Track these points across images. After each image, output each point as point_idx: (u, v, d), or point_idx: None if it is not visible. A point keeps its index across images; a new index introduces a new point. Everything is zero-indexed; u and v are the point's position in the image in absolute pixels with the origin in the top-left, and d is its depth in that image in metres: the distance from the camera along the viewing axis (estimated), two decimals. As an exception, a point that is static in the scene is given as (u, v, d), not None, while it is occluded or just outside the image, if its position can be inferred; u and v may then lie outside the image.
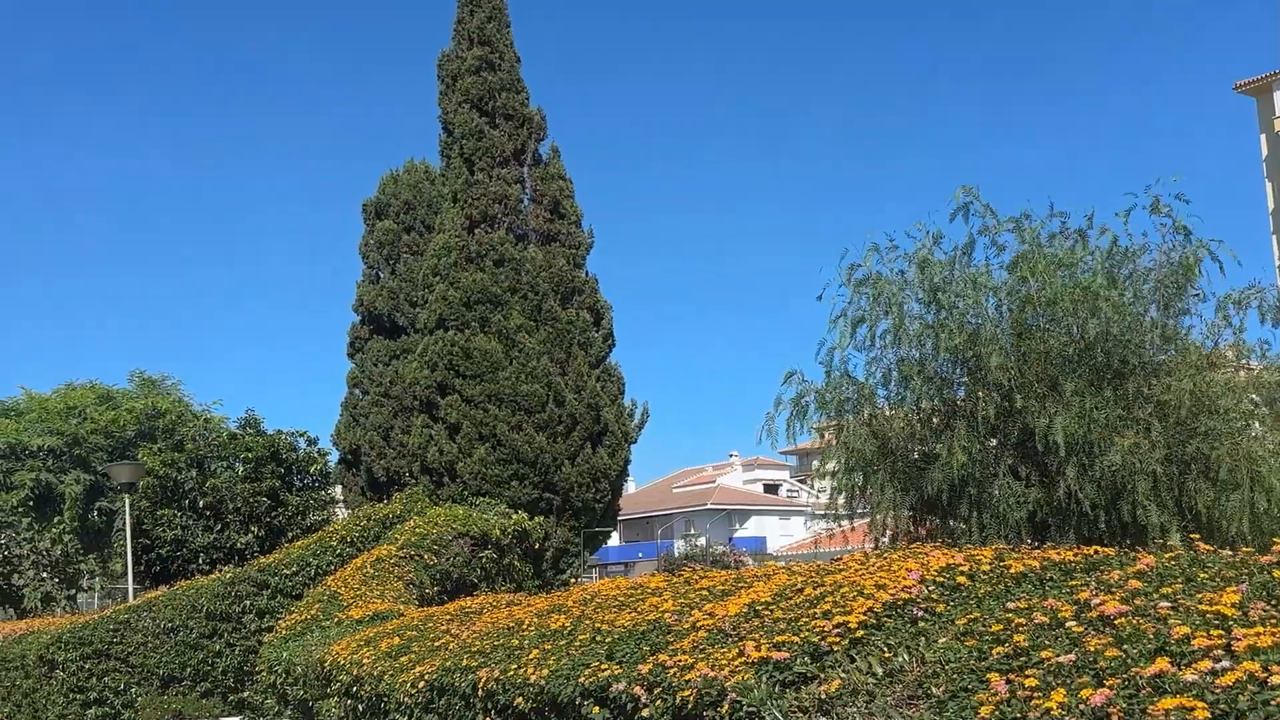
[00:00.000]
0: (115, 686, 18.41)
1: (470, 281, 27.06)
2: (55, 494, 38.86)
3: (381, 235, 34.04)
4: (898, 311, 12.29)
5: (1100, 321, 11.24)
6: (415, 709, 7.81)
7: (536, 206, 28.89)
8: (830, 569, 5.68)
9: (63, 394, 41.60)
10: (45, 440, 39.23)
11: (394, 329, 33.19)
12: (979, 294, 12.07)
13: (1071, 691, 2.73)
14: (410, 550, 18.00)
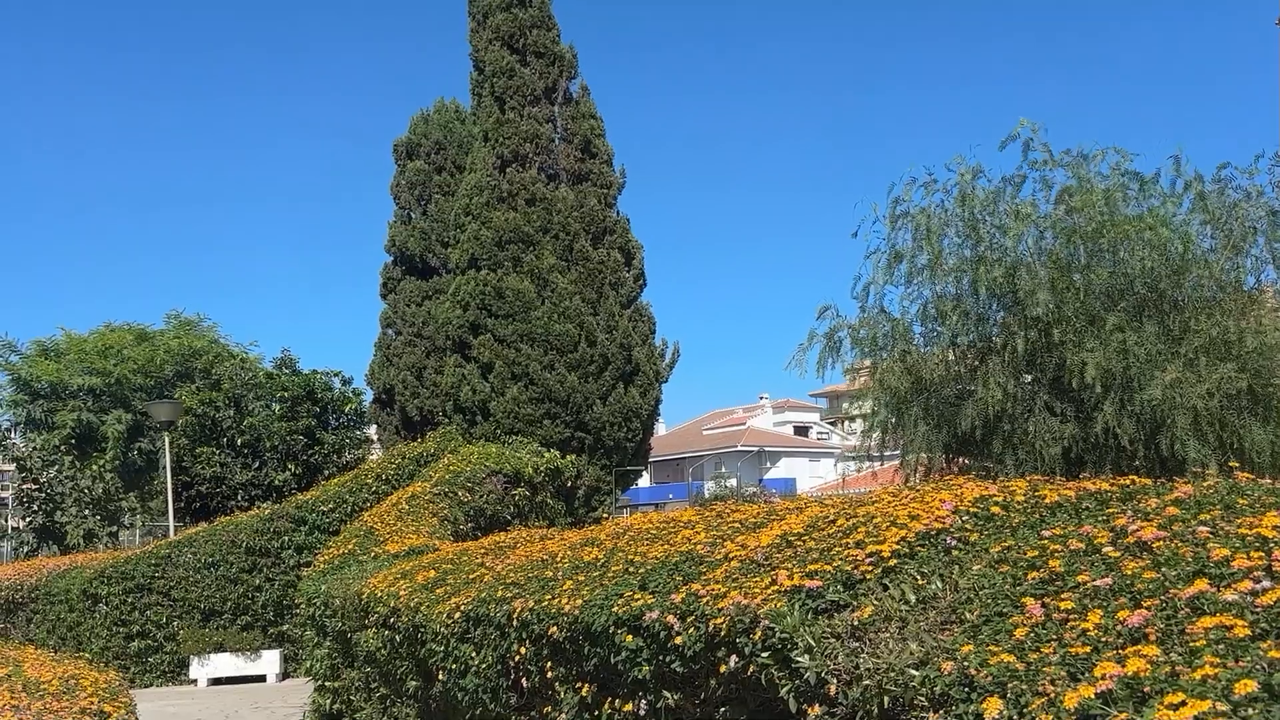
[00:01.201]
0: (157, 619, 18.84)
1: (502, 221, 27.00)
2: (96, 433, 39.45)
3: (413, 176, 33.98)
4: (935, 245, 12.13)
5: (1148, 255, 11.05)
6: (451, 639, 7.92)
7: (568, 146, 28.70)
8: (863, 501, 5.68)
9: (101, 335, 42.04)
10: (85, 380, 39.75)
11: (426, 269, 33.26)
12: (1021, 226, 11.88)
13: (1108, 613, 2.73)
14: (444, 487, 18.19)
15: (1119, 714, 2.26)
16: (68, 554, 25.67)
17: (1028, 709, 2.50)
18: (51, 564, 22.20)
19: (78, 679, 7.37)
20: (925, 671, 3.05)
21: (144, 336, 42.31)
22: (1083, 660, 2.54)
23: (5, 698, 6.54)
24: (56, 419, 39.32)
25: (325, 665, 12.14)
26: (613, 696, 5.59)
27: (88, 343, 41.47)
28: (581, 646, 5.84)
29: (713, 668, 4.60)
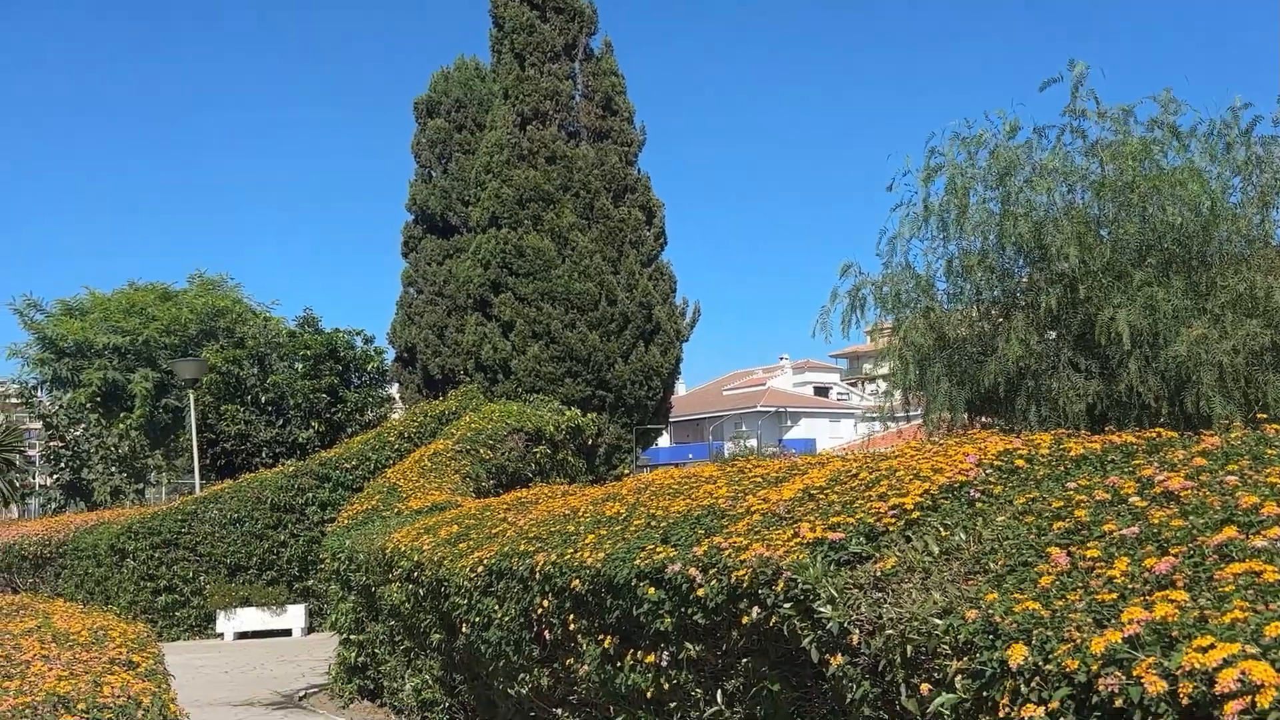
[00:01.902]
0: (184, 574, 19.08)
1: (522, 179, 26.92)
2: (123, 391, 39.77)
3: (433, 134, 33.90)
4: (962, 199, 11.99)
5: (1177, 210, 10.89)
6: (474, 592, 7.98)
7: (588, 103, 28.52)
8: (886, 455, 5.66)
9: (125, 293, 42.27)
10: (110, 338, 40.02)
11: (447, 228, 33.25)
12: (1050, 181, 11.73)
13: (1135, 561, 2.71)
14: (466, 445, 18.29)
15: (1146, 658, 2.25)
16: (95, 510, 25.98)
17: (1053, 655, 2.50)
18: (79, 520, 22.48)
19: (106, 630, 7.46)
20: (949, 620, 3.04)
21: (168, 295, 42.52)
22: (1109, 607, 2.53)
23: (35, 648, 6.63)
24: (82, 377, 39.65)
25: (350, 619, 12.27)
26: (635, 648, 5.63)
27: (112, 301, 41.71)
28: (604, 599, 5.87)
29: (735, 619, 4.62)
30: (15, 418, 40.13)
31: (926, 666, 3.16)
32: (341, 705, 12.19)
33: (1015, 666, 2.58)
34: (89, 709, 4.97)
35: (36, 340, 41.14)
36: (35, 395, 37.28)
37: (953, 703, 2.91)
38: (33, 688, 5.31)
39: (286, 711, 12.16)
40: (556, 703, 7.09)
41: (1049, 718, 2.44)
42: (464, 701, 9.41)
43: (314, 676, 14.05)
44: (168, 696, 5.82)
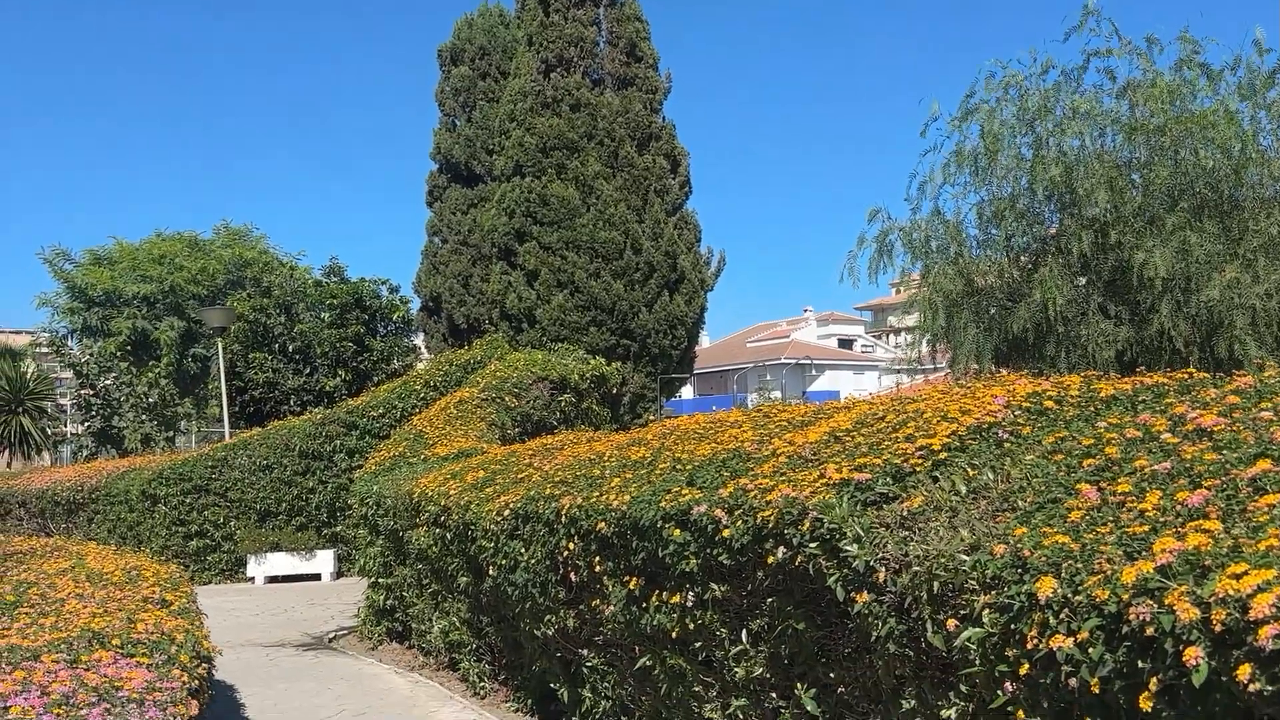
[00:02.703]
0: (215, 520, 19.33)
1: (546, 127, 26.75)
2: (151, 340, 40.13)
3: (457, 82, 33.69)
4: (993, 144, 11.83)
5: (1209, 153, 10.71)
6: (500, 535, 8.05)
7: (612, 49, 28.23)
8: (913, 398, 5.64)
9: (153, 243, 42.50)
10: (139, 288, 40.31)
11: (471, 177, 33.14)
12: (1082, 124, 11.54)
13: (1167, 495, 2.69)
14: (491, 393, 18.36)
15: (1179, 586, 2.24)
16: (126, 457, 26.29)
17: (1082, 586, 2.49)
18: (110, 466, 22.76)
19: (139, 570, 7.57)
20: (976, 556, 3.04)
21: (195, 245, 42.74)
22: (1140, 539, 2.52)
23: (70, 587, 6.74)
24: (112, 326, 40.01)
25: (378, 563, 12.41)
26: (660, 589, 5.67)
27: (140, 251, 41.97)
28: (629, 541, 5.90)
29: (760, 559, 4.63)
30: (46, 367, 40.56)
31: (953, 603, 3.16)
32: (370, 647, 12.36)
33: (1044, 599, 2.58)
34: (123, 644, 5.05)
35: (66, 290, 41.51)
36: (65, 344, 37.64)
37: (979, 637, 2.91)
38: (68, 624, 5.41)
39: (317, 653, 12.35)
40: (582, 644, 7.17)
41: (1078, 649, 2.44)
42: (491, 643, 9.52)
43: (343, 619, 14.25)
44: (201, 634, 5.92)
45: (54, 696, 3.99)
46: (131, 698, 4.17)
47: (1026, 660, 2.67)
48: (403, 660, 11.46)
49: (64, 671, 4.39)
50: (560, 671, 7.79)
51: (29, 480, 24.88)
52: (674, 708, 5.90)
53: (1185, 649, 2.15)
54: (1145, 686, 2.27)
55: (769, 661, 4.83)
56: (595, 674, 7.04)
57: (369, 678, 10.75)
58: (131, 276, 40.62)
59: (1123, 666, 2.33)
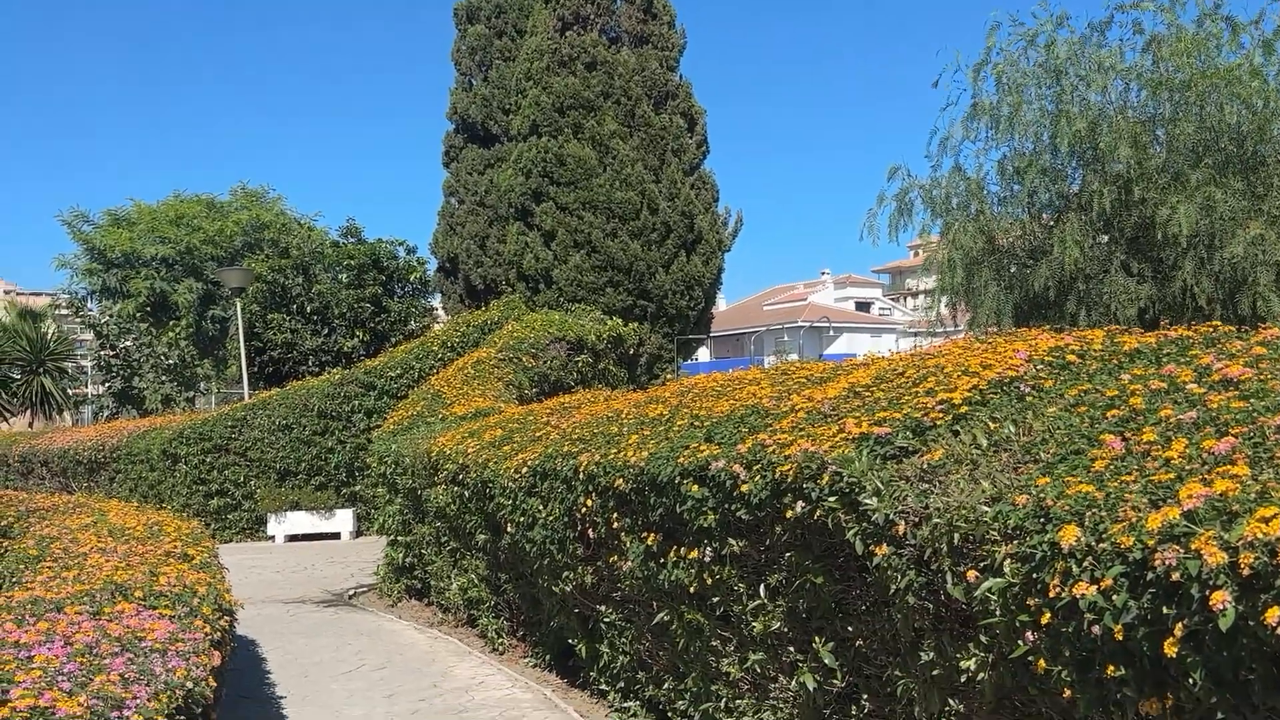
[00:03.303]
0: (235, 479, 19.49)
1: (563, 86, 26.56)
2: (170, 302, 40.29)
3: (473, 41, 33.41)
4: (1015, 98, 11.67)
5: (1234, 109, 10.55)
6: (518, 493, 8.08)
7: (629, 6, 27.94)
8: (933, 353, 5.60)
9: (171, 205, 42.55)
10: (157, 249, 40.43)
11: (488, 137, 32.96)
12: (1106, 78, 11.37)
13: (1193, 443, 2.66)
14: (509, 353, 18.40)
15: (1206, 531, 2.22)
16: (147, 417, 26.48)
17: (1107, 534, 2.46)
18: (131, 426, 22.93)
19: (161, 525, 7.64)
20: (998, 507, 3.02)
21: (213, 206, 42.78)
22: (1165, 487, 2.49)
23: (93, 541, 6.80)
24: (130, 287, 40.17)
25: (397, 521, 12.49)
26: (678, 544, 5.68)
27: (158, 212, 42.04)
28: (647, 497, 5.91)
29: (778, 514, 4.62)
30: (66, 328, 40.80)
31: (973, 554, 3.15)
32: (390, 604, 12.47)
33: (1067, 548, 2.55)
34: (146, 597, 5.10)
35: (85, 251, 41.66)
36: (85, 306, 37.84)
37: (1000, 587, 2.90)
38: (90, 577, 5.46)
39: (337, 609, 12.46)
40: (600, 599, 7.20)
41: (1101, 596, 2.42)
42: (509, 600, 9.59)
43: (363, 577, 14.37)
44: (223, 587, 5.97)
45: (77, 646, 4.03)
46: (155, 648, 4.20)
47: (1048, 609, 2.65)
48: (421, 617, 11.55)
49: (87, 623, 4.43)
50: (578, 627, 7.84)
51: (51, 440, 25.10)
52: (691, 662, 5.93)
53: (1212, 593, 2.13)
54: (1170, 632, 2.25)
55: (787, 616, 4.84)
56: (613, 629, 7.09)
57: (388, 633, 10.85)
58: (150, 238, 40.73)
59: (1147, 613, 2.32)
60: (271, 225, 41.51)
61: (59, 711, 3.22)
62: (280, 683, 8.71)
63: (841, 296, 79.38)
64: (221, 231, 41.19)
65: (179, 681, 3.91)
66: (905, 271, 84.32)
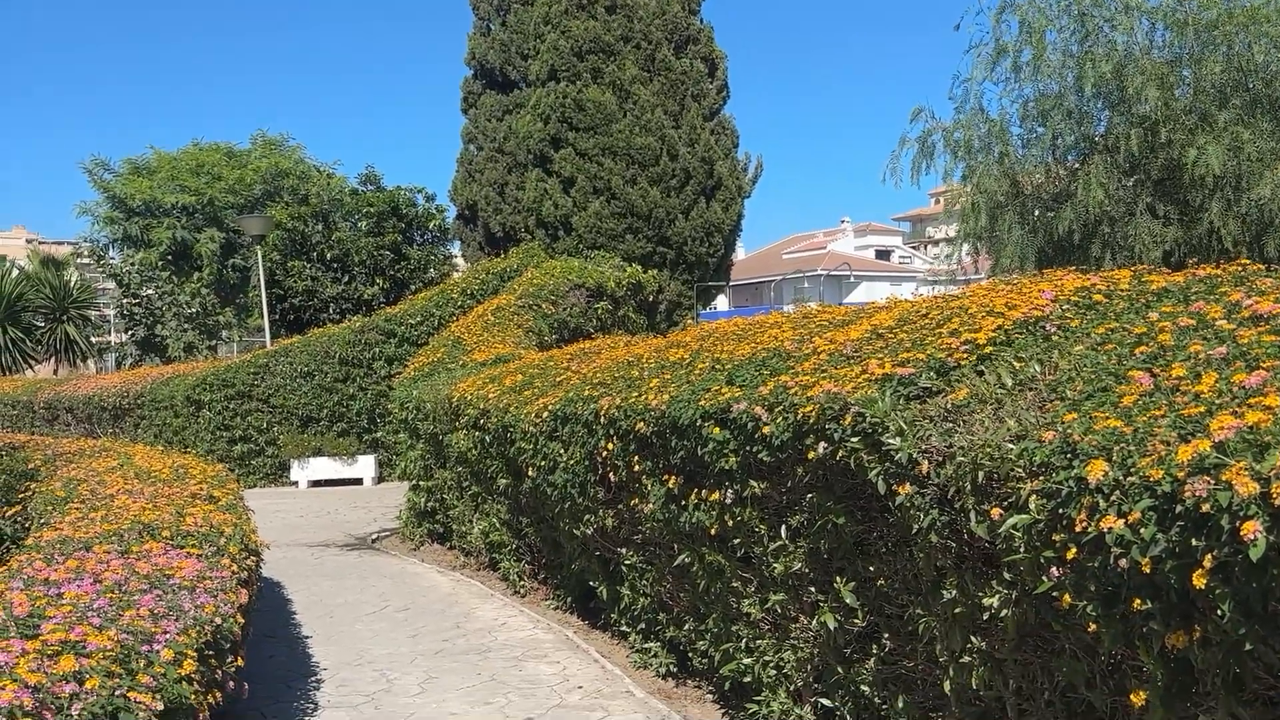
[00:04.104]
0: (258, 425, 19.66)
1: (581, 30, 26.28)
2: (192, 251, 40.42)
3: (491, -16, 33.06)
4: (1039, 40, 11.46)
5: (1264, 49, 10.33)
6: (540, 437, 8.10)
7: (650, -52, 27.54)
8: (956, 295, 5.56)
9: (191, 153, 42.55)
10: (178, 198, 40.48)
11: (506, 83, 32.72)
12: (1131, 19, 11.15)
13: (1223, 377, 2.63)
14: (528, 300, 18.40)
15: (1237, 463, 2.20)
16: (170, 365, 26.67)
17: (1135, 468, 2.45)
18: (155, 373, 23.11)
19: (186, 468, 7.71)
20: (1024, 444, 3.00)
21: (232, 155, 42.76)
22: (1195, 421, 2.47)
23: (119, 483, 6.88)
24: (152, 236, 40.29)
25: (419, 466, 12.57)
26: (699, 487, 5.69)
27: (179, 161, 42.06)
28: (668, 440, 5.91)
29: (800, 455, 4.62)
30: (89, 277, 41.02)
31: (998, 492, 3.14)
32: (412, 548, 12.59)
33: (1094, 483, 2.54)
34: (173, 536, 5.15)
35: (106, 199, 41.76)
36: (107, 254, 38.01)
37: (1025, 523, 2.89)
38: (118, 518, 5.52)
39: (360, 552, 12.59)
40: (620, 542, 7.24)
41: (1129, 530, 2.41)
42: (530, 543, 9.66)
43: (385, 521, 14.50)
44: (249, 528, 6.03)
45: (106, 584, 4.08)
46: (183, 586, 4.26)
47: (1074, 544, 2.64)
48: (444, 560, 11.66)
49: (115, 561, 4.48)
50: (599, 570, 7.90)
51: (75, 386, 25.33)
52: (712, 603, 5.96)
53: (1242, 524, 2.11)
54: (1199, 564, 2.24)
55: (808, 556, 4.85)
56: (634, 572, 7.13)
57: (411, 576, 10.96)
58: (170, 187, 40.79)
59: (1175, 546, 2.31)
60: (291, 173, 41.48)
61: (90, 645, 3.27)
62: (305, 623, 8.83)
63: (861, 245, 78.83)
64: (241, 180, 41.21)
65: (208, 617, 3.96)
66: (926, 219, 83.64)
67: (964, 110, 12.31)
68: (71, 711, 2.89)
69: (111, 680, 3.12)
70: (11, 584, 4.10)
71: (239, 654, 4.62)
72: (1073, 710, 3.26)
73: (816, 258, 72.82)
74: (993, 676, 3.56)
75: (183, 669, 3.46)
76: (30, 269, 38.05)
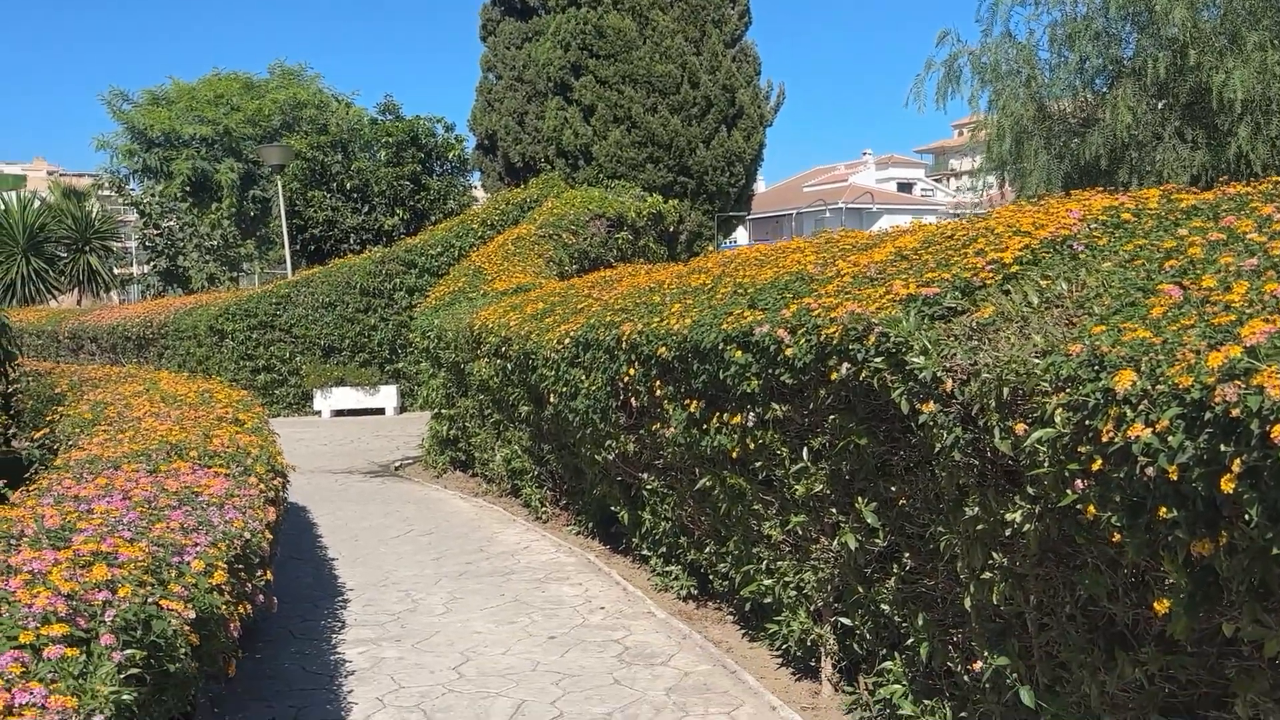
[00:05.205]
0: (281, 355, 19.80)
1: (601, -46, 25.89)
2: (212, 182, 40.40)
3: (509, -91, 32.51)
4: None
5: None
6: (561, 364, 8.12)
7: None
8: (982, 217, 5.50)
9: (209, 82, 42.34)
10: (197, 129, 40.38)
11: (525, 10, 32.30)
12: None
13: (1254, 287, 2.60)
14: (549, 230, 18.34)
15: (1268, 367, 2.18)
16: (192, 295, 26.81)
17: (1164, 376, 2.43)
18: (177, 303, 23.26)
19: (212, 393, 7.79)
20: (1050, 359, 2.98)
21: (250, 85, 42.52)
22: (1225, 330, 2.44)
23: (146, 406, 6.95)
24: (172, 167, 40.26)
25: (441, 395, 12.65)
26: (720, 411, 5.70)
27: (197, 91, 41.86)
28: (690, 364, 5.91)
29: (823, 377, 4.61)
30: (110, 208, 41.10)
31: (1023, 408, 3.13)
32: (435, 475, 12.71)
33: (1122, 393, 2.52)
34: (200, 456, 5.21)
35: (125, 130, 41.68)
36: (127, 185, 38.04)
37: (1050, 437, 2.88)
38: (145, 439, 5.58)
39: (384, 479, 12.73)
40: (642, 467, 7.28)
41: (1156, 438, 2.40)
42: (552, 470, 9.74)
43: (408, 450, 14.64)
44: (275, 450, 6.09)
45: (136, 499, 4.14)
46: (211, 502, 4.31)
47: (1100, 456, 2.63)
48: (466, 487, 11.78)
49: (144, 479, 4.54)
50: (620, 495, 7.96)
51: (99, 317, 25.52)
52: (733, 526, 6.01)
53: (1273, 428, 2.10)
54: (1227, 469, 2.23)
55: (829, 478, 4.87)
56: (655, 496, 7.18)
57: (434, 502, 11.09)
58: (189, 117, 40.66)
59: (1203, 452, 2.29)
60: (309, 104, 41.27)
61: (121, 556, 3.32)
62: (331, 546, 8.96)
63: (883, 177, 77.98)
64: (260, 111, 41.03)
65: (237, 532, 4.02)
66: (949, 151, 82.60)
67: (991, 34, 12.09)
68: (105, 618, 2.95)
69: (143, 589, 3.17)
70: (42, 500, 4.16)
71: (268, 569, 4.70)
72: (1093, 623, 3.28)
73: (838, 190, 72.14)
74: (1013, 592, 3.58)
75: (213, 579, 3.51)
76: (52, 200, 38.14)
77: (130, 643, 2.93)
